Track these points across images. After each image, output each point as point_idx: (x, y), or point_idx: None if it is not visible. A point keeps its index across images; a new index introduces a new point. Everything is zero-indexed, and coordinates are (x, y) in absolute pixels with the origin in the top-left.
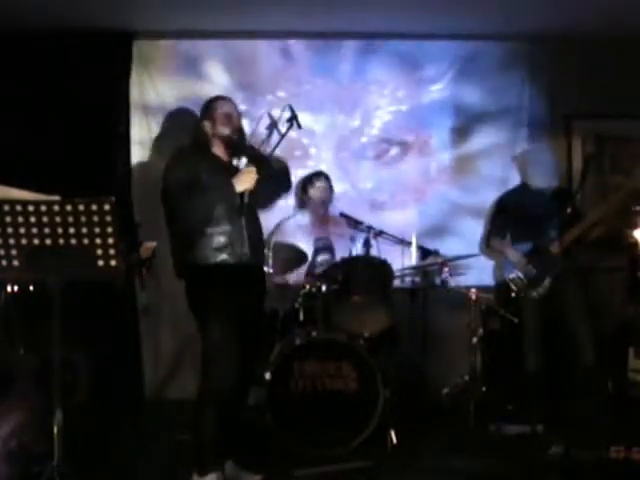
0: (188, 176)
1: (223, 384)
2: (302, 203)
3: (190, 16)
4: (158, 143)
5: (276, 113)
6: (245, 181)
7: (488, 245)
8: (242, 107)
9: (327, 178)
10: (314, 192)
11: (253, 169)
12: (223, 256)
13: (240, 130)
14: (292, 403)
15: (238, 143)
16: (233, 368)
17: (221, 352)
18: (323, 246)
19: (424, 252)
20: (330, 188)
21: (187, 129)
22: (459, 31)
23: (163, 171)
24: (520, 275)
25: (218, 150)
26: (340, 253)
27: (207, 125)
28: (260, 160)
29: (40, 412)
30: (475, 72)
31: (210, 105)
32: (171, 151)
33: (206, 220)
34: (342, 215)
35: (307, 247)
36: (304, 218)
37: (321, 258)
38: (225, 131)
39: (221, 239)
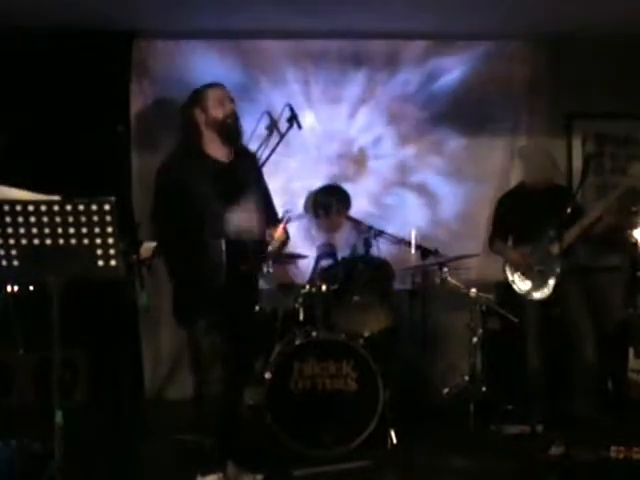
0: (178, 194)
1: (217, 387)
2: (316, 214)
3: (190, 16)
4: (142, 135)
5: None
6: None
7: (492, 246)
8: (242, 107)
9: (347, 194)
10: (336, 217)
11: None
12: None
13: (234, 114)
14: (292, 403)
15: (233, 128)
16: (224, 371)
17: (210, 357)
18: (326, 252)
19: (424, 252)
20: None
21: (170, 117)
22: (459, 31)
23: (154, 183)
24: (523, 277)
25: (212, 145)
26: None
27: (198, 113)
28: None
29: (40, 412)
30: (475, 72)
31: (199, 92)
32: (170, 135)
33: (192, 233)
34: (346, 217)
35: (309, 251)
36: (312, 224)
37: (324, 264)
38: (218, 114)
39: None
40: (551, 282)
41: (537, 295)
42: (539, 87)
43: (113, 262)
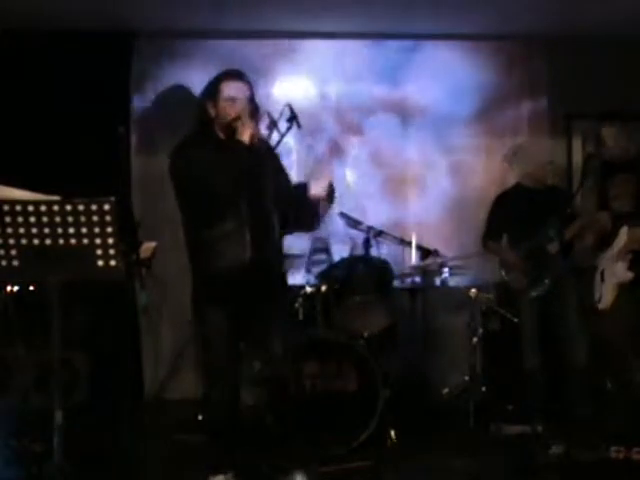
0: (194, 173)
1: (224, 383)
2: None
3: (190, 16)
4: (154, 123)
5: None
6: None
7: (485, 246)
8: None
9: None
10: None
11: None
12: (223, 263)
13: (246, 112)
14: (292, 403)
15: (239, 128)
16: (228, 368)
17: (214, 353)
18: (320, 246)
19: (424, 252)
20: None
21: (183, 108)
22: (459, 31)
23: (169, 164)
24: (519, 275)
25: (222, 132)
26: (337, 253)
27: (210, 106)
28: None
29: (40, 412)
30: (475, 72)
31: (215, 85)
32: (169, 135)
33: (213, 221)
34: (342, 215)
35: (303, 245)
36: None
37: (317, 258)
38: (227, 114)
39: (223, 244)
40: (547, 281)
41: (533, 293)
42: (539, 87)
43: (113, 262)
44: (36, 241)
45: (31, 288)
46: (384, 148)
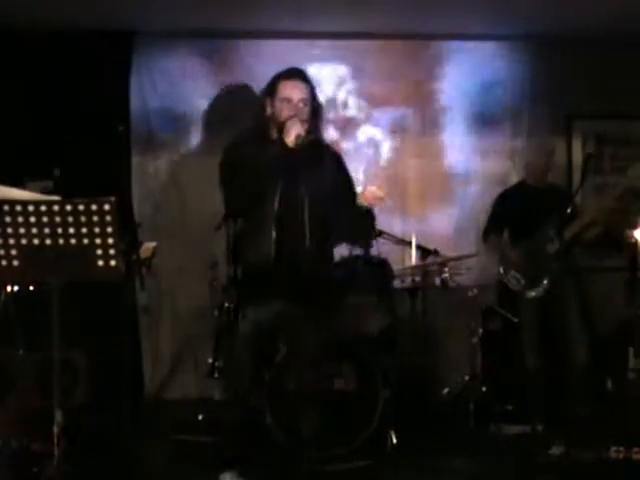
0: (232, 169)
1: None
2: None
3: (190, 16)
4: (142, 135)
5: None
6: None
7: (486, 241)
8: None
9: None
10: None
11: None
12: (249, 257)
13: (299, 111)
14: (292, 403)
15: (293, 129)
16: (249, 370)
17: (237, 355)
18: None
19: (424, 252)
20: None
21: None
22: (460, 31)
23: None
24: (517, 275)
25: (275, 131)
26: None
27: (267, 103)
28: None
29: (40, 412)
30: (475, 72)
31: (273, 83)
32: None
33: (241, 217)
34: None
35: None
36: None
37: None
38: (281, 115)
39: (249, 240)
40: (545, 281)
41: (532, 293)
42: (539, 87)
43: (113, 262)
44: (36, 241)
45: (31, 288)
46: (386, 151)
